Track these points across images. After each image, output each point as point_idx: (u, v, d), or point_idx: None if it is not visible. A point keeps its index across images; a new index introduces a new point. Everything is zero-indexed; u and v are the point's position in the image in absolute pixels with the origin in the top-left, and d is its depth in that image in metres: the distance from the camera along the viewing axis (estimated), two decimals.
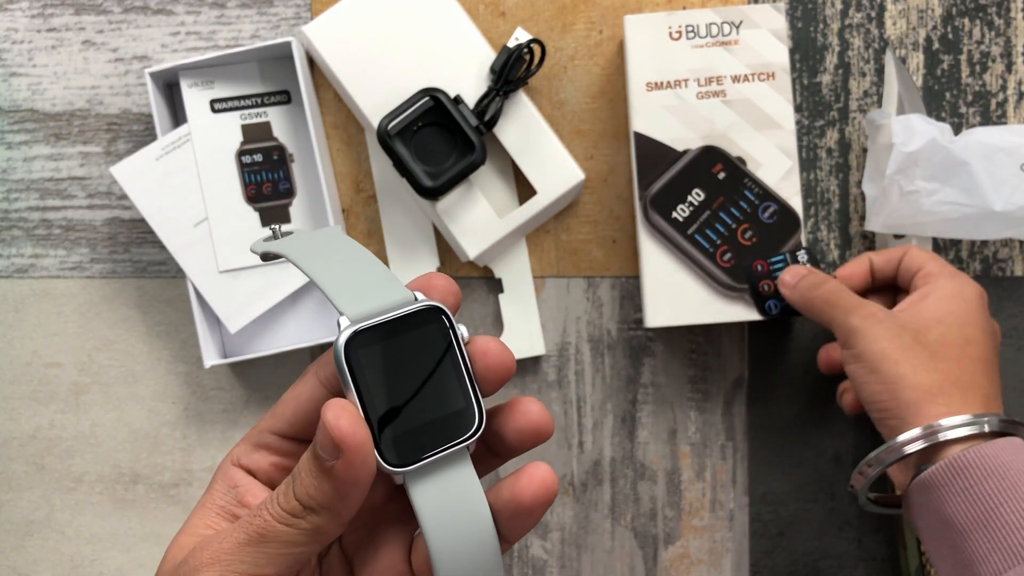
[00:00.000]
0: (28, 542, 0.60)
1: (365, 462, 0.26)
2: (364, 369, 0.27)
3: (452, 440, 0.28)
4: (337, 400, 0.26)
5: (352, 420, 0.25)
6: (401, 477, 0.27)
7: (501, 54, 0.54)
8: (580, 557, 0.58)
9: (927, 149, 0.51)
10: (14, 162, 0.59)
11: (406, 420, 0.27)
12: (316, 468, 0.26)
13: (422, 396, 0.28)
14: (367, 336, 0.27)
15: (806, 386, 0.57)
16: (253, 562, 0.26)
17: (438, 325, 0.28)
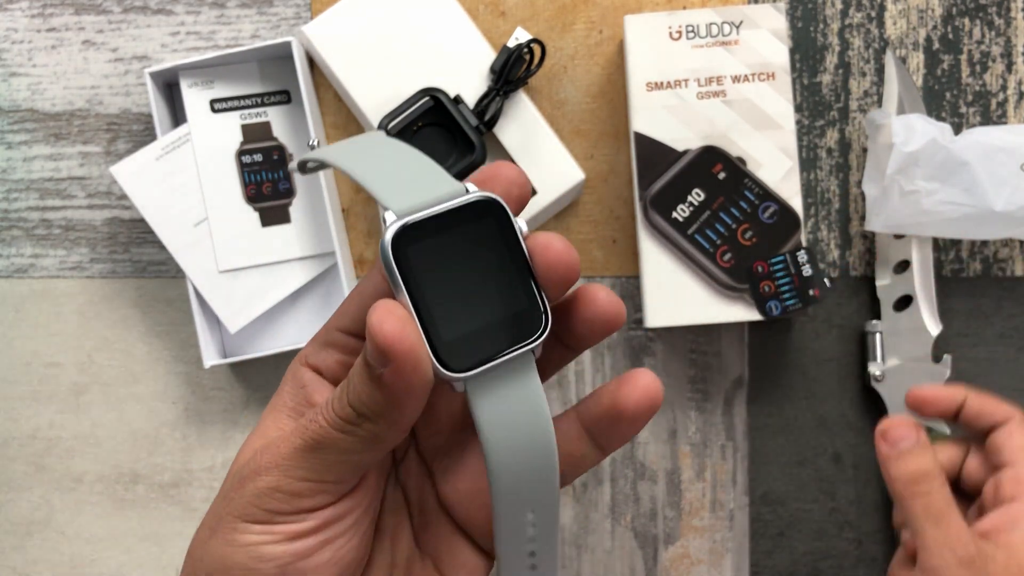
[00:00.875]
0: (28, 542, 0.60)
1: (417, 370, 0.23)
2: (414, 267, 0.24)
3: (517, 343, 0.25)
4: (384, 301, 0.24)
5: (398, 324, 0.23)
6: (461, 384, 0.25)
7: (501, 54, 0.54)
8: (580, 557, 0.58)
9: (927, 149, 0.51)
10: (14, 162, 0.59)
11: (464, 321, 0.25)
12: (367, 375, 0.24)
13: (481, 295, 0.25)
14: (416, 231, 0.25)
15: (806, 386, 0.57)
16: (311, 468, 0.25)
17: (494, 219, 0.26)
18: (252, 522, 0.26)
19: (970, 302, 0.56)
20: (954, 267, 0.57)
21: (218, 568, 0.26)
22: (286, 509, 0.26)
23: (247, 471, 0.26)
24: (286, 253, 0.57)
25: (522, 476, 0.26)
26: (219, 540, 0.26)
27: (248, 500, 0.26)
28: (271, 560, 0.26)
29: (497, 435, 0.25)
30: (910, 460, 0.43)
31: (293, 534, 0.26)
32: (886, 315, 0.55)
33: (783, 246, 0.52)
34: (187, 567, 0.28)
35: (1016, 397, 0.56)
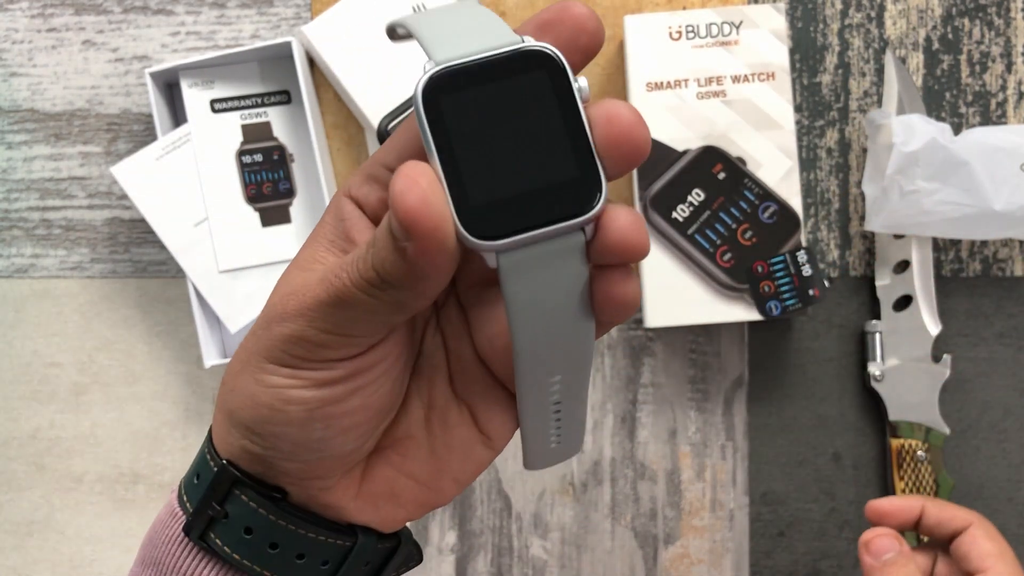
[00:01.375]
0: (28, 542, 0.60)
1: (441, 247, 0.21)
2: (449, 120, 0.22)
3: (562, 216, 0.22)
4: (409, 166, 0.21)
5: (421, 197, 0.21)
6: (493, 258, 0.22)
7: None
8: (580, 557, 0.58)
9: (927, 149, 0.51)
10: (14, 162, 0.59)
11: (500, 185, 0.22)
12: (390, 243, 0.22)
13: (524, 157, 0.22)
14: (454, 81, 0.22)
15: (806, 386, 0.57)
16: (334, 322, 0.24)
17: (547, 73, 0.22)
18: (279, 364, 0.25)
19: (970, 302, 0.57)
20: (954, 267, 0.57)
21: (248, 404, 0.26)
22: (312, 357, 0.25)
23: (274, 312, 0.26)
24: (286, 253, 0.57)
25: (550, 346, 0.24)
26: (248, 377, 0.26)
27: (274, 343, 0.25)
28: (298, 404, 0.25)
29: (522, 311, 0.23)
30: (894, 571, 0.46)
31: (320, 381, 0.25)
32: (886, 315, 0.56)
33: (783, 246, 0.52)
34: (221, 395, 0.28)
35: (1016, 397, 0.56)
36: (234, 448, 0.27)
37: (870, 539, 0.47)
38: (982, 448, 0.56)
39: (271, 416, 0.26)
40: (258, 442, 0.26)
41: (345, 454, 0.27)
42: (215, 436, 0.28)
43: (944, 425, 0.55)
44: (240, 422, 0.27)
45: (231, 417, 0.27)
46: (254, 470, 0.27)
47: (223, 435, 0.28)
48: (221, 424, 0.28)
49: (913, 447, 0.54)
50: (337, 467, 0.27)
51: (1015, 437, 0.56)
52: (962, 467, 0.56)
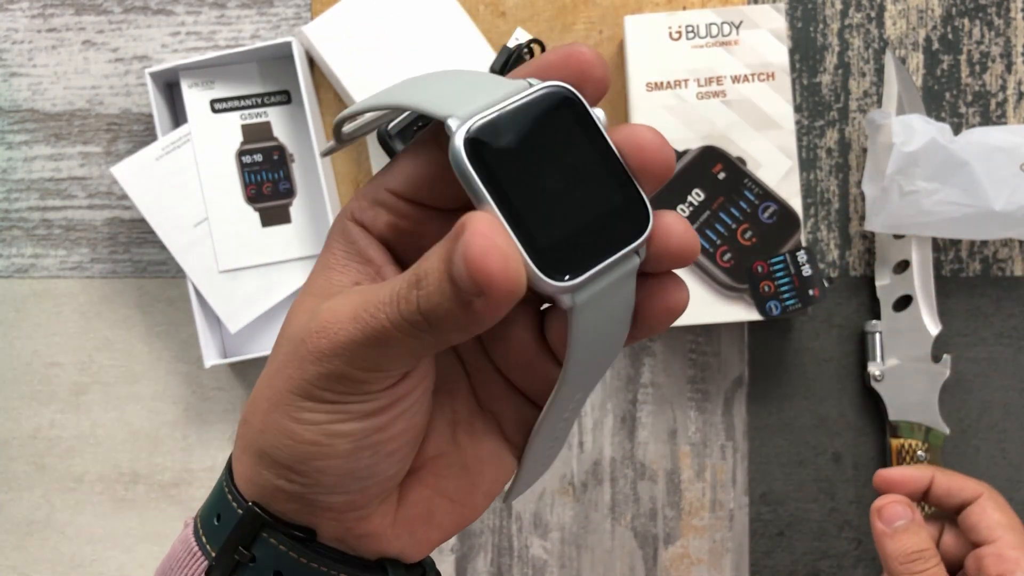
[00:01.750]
0: (28, 542, 0.60)
1: (513, 300, 0.21)
2: (494, 171, 0.22)
3: (620, 243, 0.22)
4: (480, 220, 0.21)
5: (503, 258, 0.20)
6: (570, 299, 0.22)
7: (501, 54, 0.54)
8: (580, 557, 0.58)
9: (927, 149, 0.51)
10: (14, 162, 0.59)
11: (560, 225, 0.22)
12: (450, 293, 0.21)
13: (572, 195, 0.22)
14: (487, 132, 0.22)
15: (806, 386, 0.57)
16: (372, 361, 0.24)
17: (569, 110, 0.23)
18: (318, 401, 0.25)
19: (969, 302, 0.57)
20: (953, 267, 0.57)
21: (286, 443, 0.25)
22: (352, 392, 0.25)
23: (304, 351, 0.25)
24: (286, 253, 0.57)
25: (588, 374, 0.25)
26: (281, 416, 0.25)
27: (311, 382, 0.25)
28: (345, 436, 0.25)
29: (586, 349, 0.23)
30: (905, 538, 0.45)
31: (364, 413, 0.25)
32: (886, 315, 0.56)
33: (783, 246, 0.52)
34: (244, 434, 0.27)
35: (1016, 397, 0.56)
36: (266, 488, 0.27)
37: (883, 505, 0.46)
38: (982, 448, 0.56)
39: (316, 452, 0.25)
40: (297, 480, 0.26)
41: (388, 478, 0.27)
42: (238, 476, 0.27)
43: (944, 425, 0.55)
44: (276, 461, 0.26)
45: (262, 457, 0.26)
46: (286, 508, 0.27)
47: (250, 476, 0.27)
48: (248, 465, 0.27)
49: (913, 447, 0.54)
50: (378, 494, 0.27)
51: (1015, 437, 0.56)
52: (962, 467, 0.56)
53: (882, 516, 0.46)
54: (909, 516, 0.46)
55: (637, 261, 0.23)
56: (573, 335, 0.23)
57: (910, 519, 0.46)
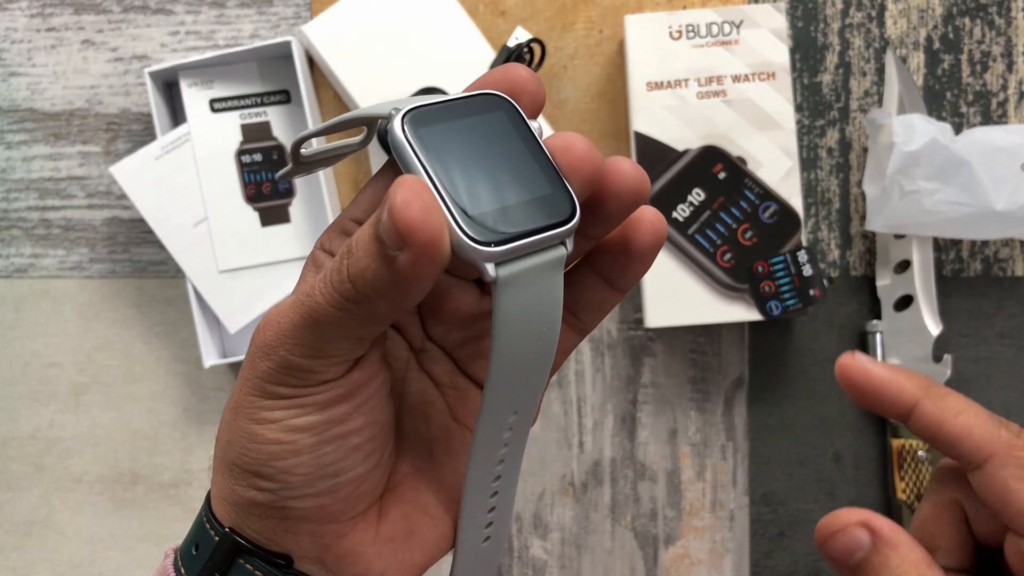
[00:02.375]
0: (27, 542, 0.60)
1: (435, 258, 0.21)
2: (428, 148, 0.23)
3: (548, 225, 0.23)
4: (408, 178, 0.21)
5: (424, 208, 0.21)
6: (493, 269, 0.22)
7: (501, 53, 0.54)
8: (580, 557, 0.58)
9: (928, 149, 0.51)
10: (13, 162, 0.59)
11: (489, 200, 0.23)
12: (375, 251, 0.22)
13: (503, 177, 0.23)
14: (425, 116, 0.23)
15: (806, 386, 0.57)
16: (312, 345, 0.24)
17: (506, 112, 0.24)
18: (275, 398, 0.25)
19: (970, 302, 0.56)
20: (955, 267, 0.56)
21: (250, 447, 0.26)
22: (304, 383, 0.25)
23: (253, 348, 0.26)
24: (286, 253, 0.57)
25: (520, 377, 0.25)
26: (244, 419, 0.26)
27: (262, 378, 0.25)
28: (305, 430, 0.25)
29: (512, 335, 0.23)
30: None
31: (322, 403, 0.25)
32: (887, 315, 0.55)
33: (783, 246, 0.52)
34: (217, 453, 0.27)
35: (1016, 397, 0.56)
36: (239, 505, 0.27)
37: (827, 537, 0.32)
38: None
39: (279, 451, 0.25)
40: (267, 486, 0.26)
41: (359, 478, 0.27)
42: (215, 503, 0.28)
43: None
44: (245, 469, 0.26)
45: (232, 469, 0.26)
46: (261, 527, 0.27)
47: (224, 495, 0.27)
48: (221, 485, 0.27)
49: (914, 447, 0.54)
50: (351, 499, 0.27)
51: None
52: None
53: (829, 551, 0.31)
54: (866, 543, 0.31)
55: (564, 252, 0.24)
56: (498, 313, 0.23)
57: (868, 547, 0.31)
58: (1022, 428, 0.29)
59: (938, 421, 0.29)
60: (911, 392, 0.30)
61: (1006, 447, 0.28)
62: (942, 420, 0.29)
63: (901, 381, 0.30)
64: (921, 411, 0.29)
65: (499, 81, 0.25)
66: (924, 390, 0.30)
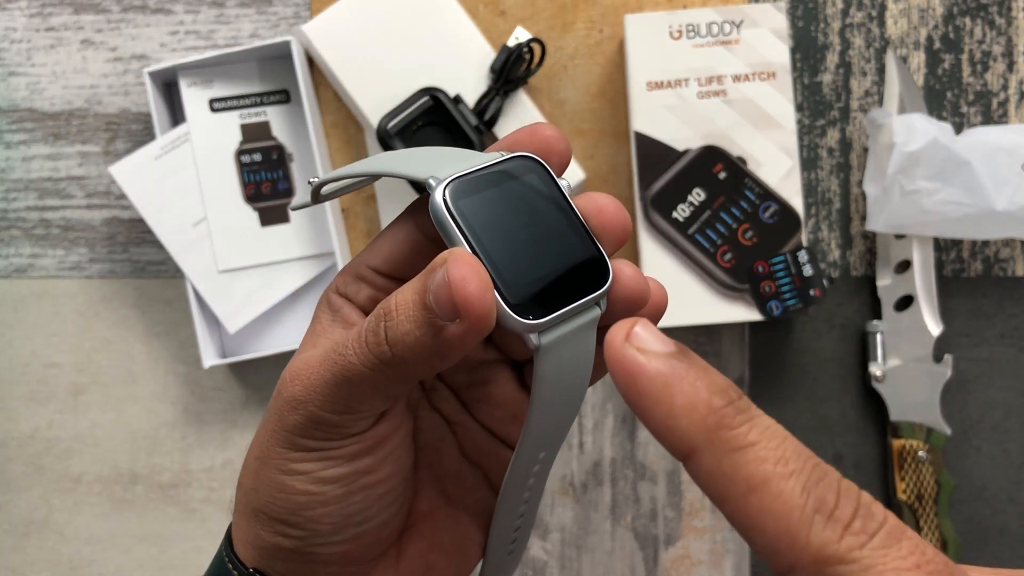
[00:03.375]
0: (26, 543, 0.60)
1: (484, 330, 0.23)
2: (469, 220, 0.24)
3: (584, 292, 0.24)
4: (462, 254, 0.23)
5: (482, 286, 0.22)
6: (536, 338, 0.24)
7: (501, 53, 0.54)
8: (580, 558, 0.58)
9: (928, 149, 0.51)
10: (12, 161, 0.59)
11: (529, 272, 0.24)
12: (422, 319, 0.23)
13: (539, 246, 0.24)
14: (464, 188, 0.24)
15: (807, 386, 0.57)
16: (343, 402, 0.25)
17: (538, 175, 0.25)
18: (303, 451, 0.26)
19: (971, 302, 0.56)
20: (955, 267, 0.56)
21: (279, 496, 0.26)
22: (332, 436, 0.25)
23: (281, 402, 0.26)
24: (285, 253, 0.56)
25: (553, 424, 0.26)
26: (271, 469, 0.26)
27: (291, 432, 0.26)
28: (334, 482, 0.26)
29: (551, 392, 0.25)
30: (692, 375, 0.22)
31: (349, 456, 0.26)
32: (887, 315, 0.55)
33: (784, 246, 0.52)
34: (240, 498, 0.28)
35: (1016, 398, 0.56)
36: (264, 550, 0.27)
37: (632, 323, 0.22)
38: (983, 448, 0.56)
39: (308, 502, 0.26)
40: (294, 533, 0.26)
41: (383, 524, 0.27)
42: (237, 543, 0.28)
43: (945, 425, 0.55)
44: (272, 517, 0.26)
45: (258, 515, 0.27)
46: (286, 570, 0.27)
47: (248, 539, 0.27)
48: (246, 529, 0.27)
49: (914, 447, 0.54)
50: (374, 543, 0.27)
51: (1016, 437, 0.56)
52: (963, 468, 0.56)
53: (631, 339, 0.22)
54: (671, 345, 0.22)
55: (598, 312, 0.25)
56: (538, 375, 0.24)
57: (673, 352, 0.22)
58: (839, 499, 0.19)
59: (720, 496, 0.20)
60: (685, 437, 0.20)
61: (813, 560, 0.19)
62: (725, 496, 0.20)
63: (676, 416, 0.20)
64: (697, 468, 0.20)
65: (528, 141, 0.26)
66: (708, 433, 0.20)
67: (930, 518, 0.54)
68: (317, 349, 0.27)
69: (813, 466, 0.20)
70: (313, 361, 0.26)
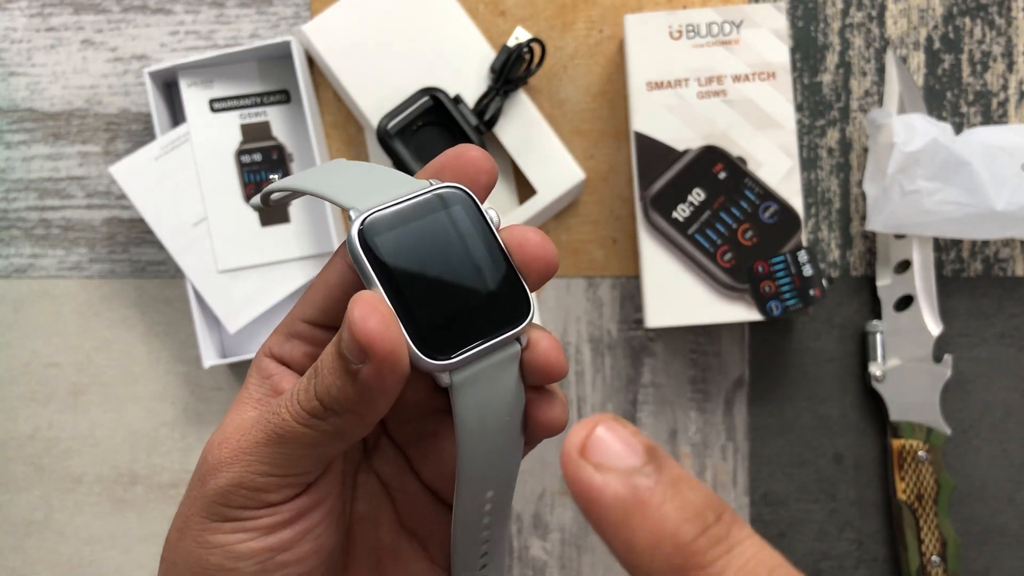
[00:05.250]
0: (26, 543, 0.60)
1: (395, 368, 0.22)
2: (385, 258, 0.24)
3: (500, 328, 0.24)
4: (365, 295, 0.23)
5: (382, 321, 0.22)
6: (447, 378, 0.24)
7: (501, 53, 0.54)
8: (580, 558, 0.58)
9: (928, 149, 0.51)
10: (13, 162, 0.59)
11: (442, 310, 0.24)
12: (340, 368, 0.23)
13: (457, 283, 0.24)
14: (381, 224, 0.24)
15: (807, 386, 0.57)
16: (273, 463, 0.24)
17: (462, 207, 0.25)
18: (221, 520, 0.25)
19: (971, 302, 0.56)
20: (955, 267, 0.56)
21: (195, 571, 0.25)
22: (252, 504, 0.25)
23: (206, 468, 0.25)
24: (285, 253, 0.56)
25: (490, 462, 0.26)
26: (189, 542, 0.25)
27: (211, 499, 0.25)
28: (248, 558, 0.25)
29: (473, 428, 0.24)
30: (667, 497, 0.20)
31: (267, 528, 0.25)
32: (887, 315, 0.55)
33: (784, 246, 0.52)
34: (161, 572, 0.27)
35: (1016, 398, 0.56)
36: None
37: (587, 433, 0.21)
38: (983, 449, 0.56)
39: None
40: None
41: None
42: None
43: (945, 426, 0.55)
44: None
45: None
46: None
47: None
48: None
49: (914, 447, 0.54)
50: None
51: (1016, 438, 0.56)
52: (963, 468, 0.56)
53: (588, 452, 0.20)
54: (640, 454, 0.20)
55: (518, 348, 0.25)
56: (455, 414, 0.24)
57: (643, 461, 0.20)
58: None
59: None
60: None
61: None
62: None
63: (638, 553, 0.18)
64: None
65: (454, 164, 0.26)
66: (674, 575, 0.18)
67: (930, 518, 0.54)
68: (246, 415, 0.26)
69: None
70: (244, 425, 0.25)
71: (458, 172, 0.26)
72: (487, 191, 0.26)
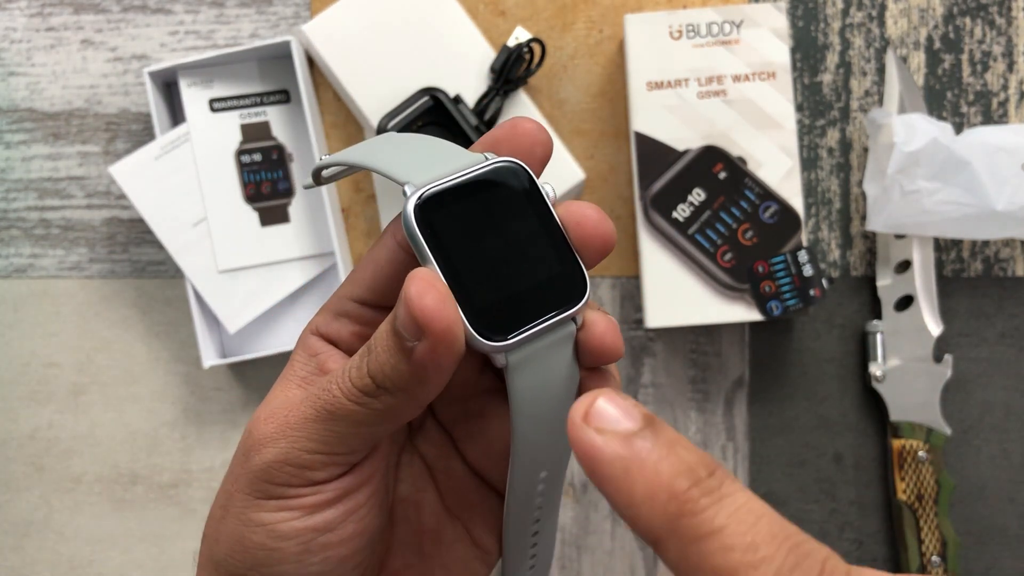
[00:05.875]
0: (26, 543, 0.60)
1: (452, 347, 0.22)
2: (440, 236, 0.23)
3: (556, 308, 0.24)
4: (421, 272, 0.22)
5: (439, 298, 0.22)
6: (503, 358, 0.23)
7: (501, 53, 0.54)
8: (580, 558, 0.58)
9: (928, 148, 0.51)
10: (12, 162, 0.59)
11: (498, 289, 0.23)
12: (394, 346, 0.22)
13: (513, 261, 0.24)
14: (438, 200, 0.23)
15: (807, 386, 0.57)
16: (321, 440, 0.24)
17: (519, 183, 0.24)
18: (265, 498, 0.24)
19: (971, 302, 0.56)
20: (955, 267, 0.56)
21: (236, 549, 0.25)
22: (296, 481, 0.24)
23: (251, 442, 0.25)
24: (285, 253, 0.56)
25: (544, 442, 0.25)
26: (233, 520, 0.25)
27: (256, 475, 0.24)
28: (291, 537, 0.24)
29: (528, 409, 0.24)
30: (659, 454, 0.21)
31: (310, 506, 0.25)
32: (887, 315, 0.55)
33: (784, 246, 0.52)
34: (203, 549, 0.27)
35: (1016, 398, 0.56)
36: None
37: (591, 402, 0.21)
38: (983, 449, 0.56)
39: (265, 557, 0.25)
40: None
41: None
42: None
43: (945, 426, 0.55)
44: (230, 572, 0.25)
45: (219, 568, 0.26)
46: None
47: None
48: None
49: (914, 448, 0.54)
50: None
51: (1017, 438, 0.56)
52: (963, 468, 0.56)
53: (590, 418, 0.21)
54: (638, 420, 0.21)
55: (573, 328, 0.24)
56: (511, 395, 0.24)
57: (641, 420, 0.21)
58: None
59: None
60: (648, 527, 0.19)
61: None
62: None
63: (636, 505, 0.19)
64: (665, 558, 0.20)
65: (509, 136, 0.25)
66: (669, 522, 0.19)
67: (930, 518, 0.54)
68: (292, 392, 0.26)
69: (789, 550, 0.18)
70: (291, 401, 0.25)
71: (514, 145, 0.25)
72: (543, 164, 0.26)
